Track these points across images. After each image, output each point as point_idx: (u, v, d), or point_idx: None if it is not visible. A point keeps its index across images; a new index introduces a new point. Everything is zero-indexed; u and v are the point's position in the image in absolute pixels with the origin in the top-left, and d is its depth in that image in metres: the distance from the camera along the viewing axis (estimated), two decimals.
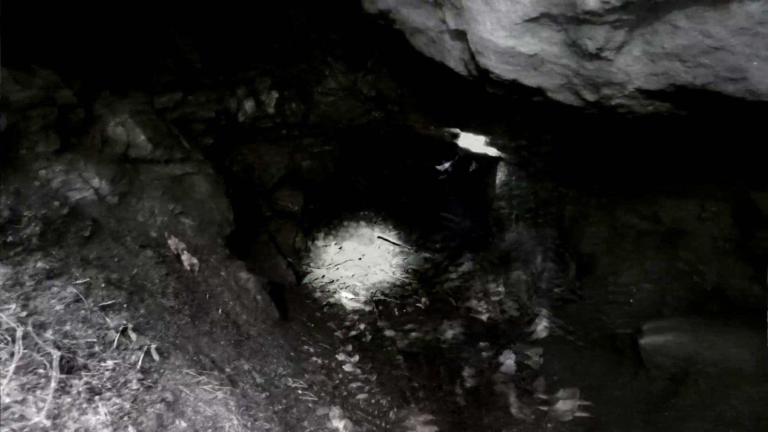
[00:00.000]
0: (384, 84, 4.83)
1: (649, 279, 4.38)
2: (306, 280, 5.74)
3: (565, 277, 4.99)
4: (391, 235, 7.45)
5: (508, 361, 3.91)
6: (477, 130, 5.50)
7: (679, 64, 1.80)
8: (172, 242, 3.36)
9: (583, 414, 3.13)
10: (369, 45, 4.18)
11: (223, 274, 3.63)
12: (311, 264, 6.35)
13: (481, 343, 4.28)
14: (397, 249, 7.06)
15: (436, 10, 2.46)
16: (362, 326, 4.53)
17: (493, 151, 5.89)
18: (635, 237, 4.71)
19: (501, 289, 5.11)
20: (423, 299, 5.25)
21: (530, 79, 2.26)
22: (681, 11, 1.67)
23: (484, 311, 4.80)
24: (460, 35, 2.38)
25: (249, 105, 4.80)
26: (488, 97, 3.11)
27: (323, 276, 5.69)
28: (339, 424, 2.71)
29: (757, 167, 3.86)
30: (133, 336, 2.17)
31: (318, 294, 5.36)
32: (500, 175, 6.23)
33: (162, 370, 2.19)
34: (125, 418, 1.78)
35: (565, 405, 3.19)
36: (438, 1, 2.38)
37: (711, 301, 4.00)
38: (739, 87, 1.72)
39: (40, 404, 1.57)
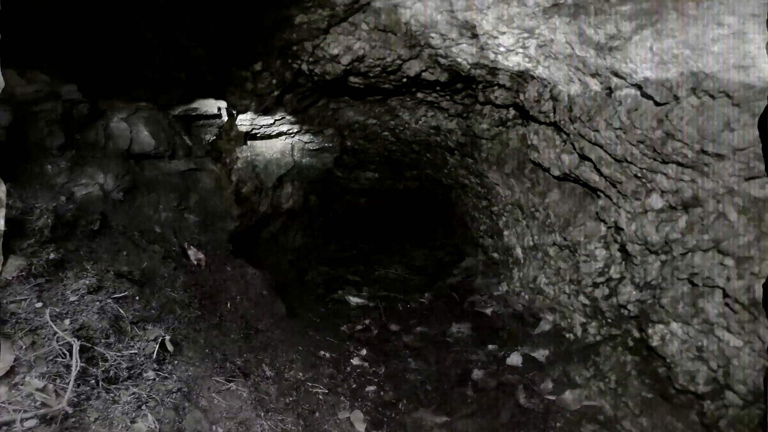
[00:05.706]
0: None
1: None
2: (308, 276, 5.74)
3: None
4: (392, 232, 7.47)
5: (514, 354, 3.93)
6: None
7: (689, 52, 1.84)
8: (192, 252, 3.38)
9: (591, 402, 3.16)
10: None
11: (229, 269, 3.63)
12: (313, 261, 6.35)
13: (486, 338, 4.30)
14: (399, 245, 7.08)
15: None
16: (367, 321, 4.54)
17: None
18: None
19: (504, 283, 5.13)
20: (426, 295, 5.27)
21: (540, 69, 2.29)
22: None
23: (487, 306, 4.82)
24: (471, 28, 2.40)
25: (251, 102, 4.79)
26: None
27: (326, 273, 5.69)
28: (350, 415, 2.72)
29: None
30: (148, 327, 2.17)
31: (321, 291, 5.36)
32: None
33: (176, 362, 2.20)
34: (143, 407, 1.79)
35: (573, 395, 3.22)
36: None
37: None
38: (749, 73, 1.75)
39: (61, 392, 1.57)
